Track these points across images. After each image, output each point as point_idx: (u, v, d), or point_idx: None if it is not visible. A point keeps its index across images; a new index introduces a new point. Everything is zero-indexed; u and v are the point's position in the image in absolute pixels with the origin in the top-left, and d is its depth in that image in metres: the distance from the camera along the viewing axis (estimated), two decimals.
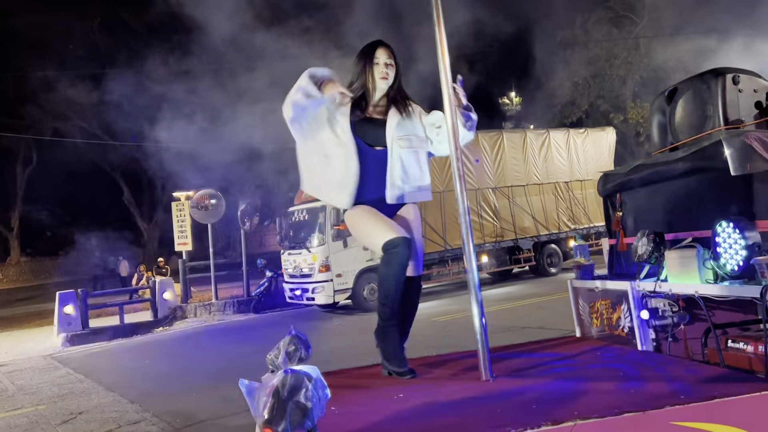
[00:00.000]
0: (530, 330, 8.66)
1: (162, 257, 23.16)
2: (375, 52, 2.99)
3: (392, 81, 3.00)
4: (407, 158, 2.96)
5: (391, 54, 3.01)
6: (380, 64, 2.97)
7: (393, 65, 3.00)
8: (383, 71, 2.96)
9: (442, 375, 2.86)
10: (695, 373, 2.43)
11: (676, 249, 2.71)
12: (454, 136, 2.78)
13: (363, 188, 2.95)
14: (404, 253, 2.78)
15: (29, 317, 18.50)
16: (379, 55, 2.98)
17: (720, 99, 2.74)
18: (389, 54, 3.00)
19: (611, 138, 18.34)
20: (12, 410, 7.31)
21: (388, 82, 2.99)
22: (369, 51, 3.01)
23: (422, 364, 3.18)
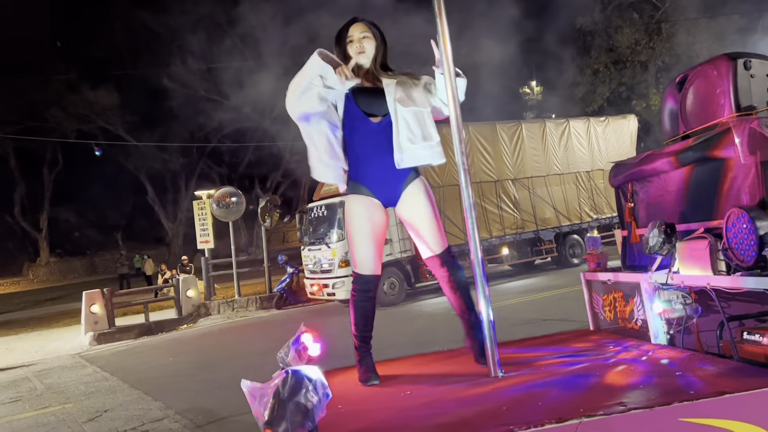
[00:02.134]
0: (551, 322, 8.58)
1: (186, 255, 23.46)
2: (348, 30, 2.96)
3: (374, 53, 2.96)
4: (411, 118, 2.88)
5: (366, 27, 2.96)
6: (354, 41, 2.93)
7: (370, 37, 2.95)
8: (358, 46, 2.92)
9: (451, 371, 2.85)
10: (707, 366, 2.38)
11: (688, 240, 2.65)
12: (458, 131, 2.76)
13: (366, 166, 2.90)
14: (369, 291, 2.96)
15: (58, 317, 18.87)
16: (353, 32, 2.94)
17: (731, 85, 2.67)
18: (363, 28, 2.95)
19: (633, 126, 18.06)
20: (41, 408, 7.47)
21: (367, 55, 2.94)
22: (342, 31, 2.98)
23: (434, 360, 3.18)
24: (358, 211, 2.91)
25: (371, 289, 2.96)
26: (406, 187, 2.93)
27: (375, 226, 2.91)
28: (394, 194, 2.94)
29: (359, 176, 2.92)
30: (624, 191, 3.36)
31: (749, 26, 23.17)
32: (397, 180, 2.92)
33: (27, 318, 20.27)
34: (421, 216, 2.93)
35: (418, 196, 2.93)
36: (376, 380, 2.79)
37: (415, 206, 2.93)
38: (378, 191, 2.92)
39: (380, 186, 2.91)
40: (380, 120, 2.91)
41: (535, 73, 34.87)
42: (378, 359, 3.10)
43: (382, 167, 2.89)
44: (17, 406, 7.77)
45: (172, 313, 14.93)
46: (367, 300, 2.96)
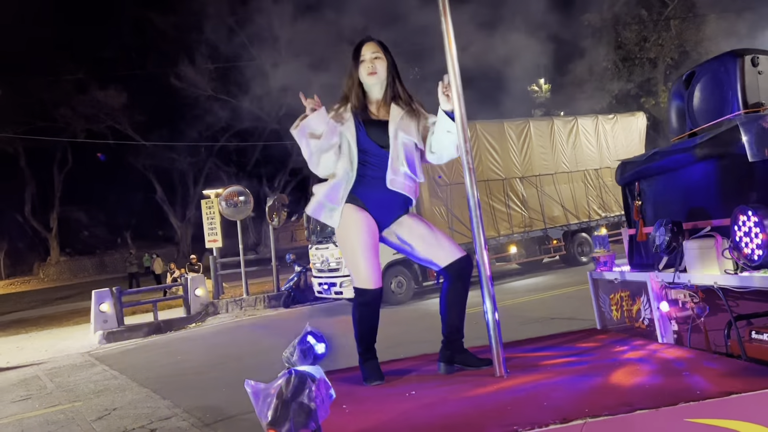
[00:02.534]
0: (559, 321, 8.55)
1: (195, 254, 23.55)
2: (360, 49, 2.93)
3: (384, 74, 2.93)
4: (409, 147, 2.90)
5: (378, 47, 2.93)
6: (366, 61, 2.91)
7: (381, 58, 2.92)
8: (369, 66, 2.90)
9: (457, 371, 2.84)
10: (714, 366, 2.36)
11: (695, 239, 2.63)
12: (462, 127, 2.75)
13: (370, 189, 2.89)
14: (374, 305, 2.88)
15: (68, 315, 19.01)
16: (364, 52, 2.92)
17: (738, 82, 2.64)
18: (375, 48, 2.93)
19: (641, 123, 17.96)
20: (50, 407, 7.53)
21: (379, 76, 2.91)
22: (355, 51, 2.96)
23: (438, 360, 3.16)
24: (356, 218, 2.86)
25: (375, 303, 2.89)
26: (402, 216, 2.96)
27: (373, 237, 2.89)
28: (388, 220, 2.94)
29: (360, 194, 2.89)
30: (631, 189, 3.34)
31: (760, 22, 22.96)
32: (396, 209, 2.94)
33: (37, 317, 20.43)
34: (426, 230, 2.93)
35: (418, 220, 2.98)
36: (380, 380, 2.78)
37: (414, 222, 2.95)
38: (374, 213, 2.90)
39: (378, 209, 2.90)
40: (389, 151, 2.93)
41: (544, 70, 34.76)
42: (383, 359, 3.10)
43: (387, 194, 2.89)
44: (27, 404, 7.83)
45: (181, 311, 14.99)
46: (372, 314, 2.90)
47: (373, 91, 2.97)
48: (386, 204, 2.91)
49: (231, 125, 35.20)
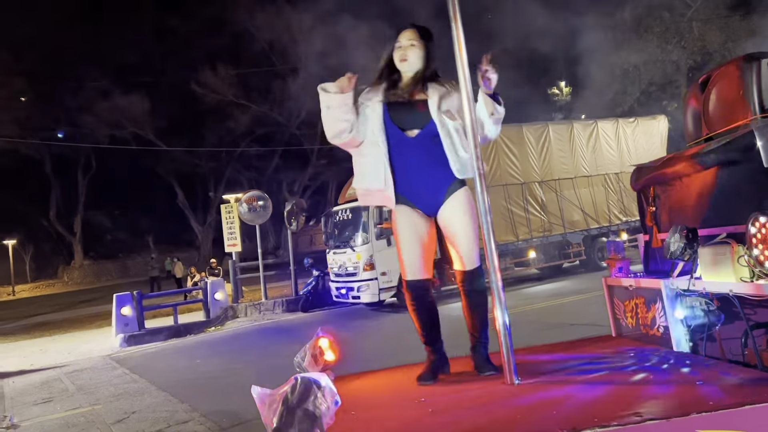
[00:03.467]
0: (579, 327, 8.45)
1: (215, 258, 23.75)
2: (399, 34, 2.95)
3: (417, 62, 2.92)
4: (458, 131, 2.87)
5: (416, 35, 2.92)
6: (400, 47, 2.92)
7: (417, 46, 2.91)
8: (402, 53, 2.91)
9: (467, 378, 2.83)
10: (729, 376, 2.32)
11: (710, 245, 2.58)
12: (473, 134, 2.73)
13: (407, 180, 2.90)
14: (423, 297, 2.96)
15: (91, 319, 19.26)
16: (401, 38, 2.93)
17: (755, 86, 2.59)
18: (413, 35, 2.92)
19: (663, 126, 17.72)
20: (71, 409, 7.62)
21: (410, 63, 2.91)
22: (396, 35, 2.97)
23: (454, 366, 3.14)
24: (402, 221, 2.93)
25: (425, 294, 2.95)
26: (449, 196, 2.91)
27: (420, 234, 2.92)
28: (436, 204, 2.93)
29: (402, 190, 2.92)
30: (646, 195, 3.29)
31: None
32: (437, 190, 2.91)
33: (61, 320, 20.73)
34: (457, 228, 2.90)
35: (458, 209, 2.91)
36: (429, 380, 2.81)
37: (453, 218, 2.91)
38: (420, 203, 2.93)
39: (422, 198, 2.92)
40: (416, 134, 2.89)
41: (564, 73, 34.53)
42: (398, 363, 3.10)
43: (421, 181, 2.90)
44: (49, 406, 7.94)
45: (201, 315, 15.11)
46: (423, 305, 2.96)
47: (405, 77, 2.97)
48: (426, 188, 2.90)
49: (251, 130, 35.51)
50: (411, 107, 2.90)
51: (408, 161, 2.89)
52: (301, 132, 34.91)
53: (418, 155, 2.88)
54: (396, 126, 2.89)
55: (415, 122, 2.89)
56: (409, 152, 2.88)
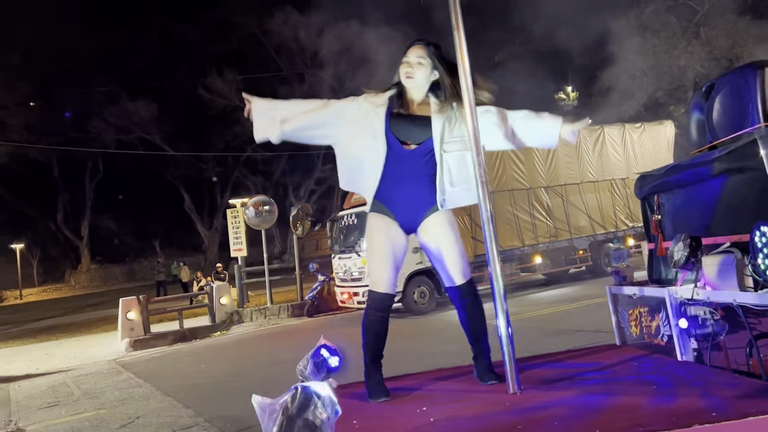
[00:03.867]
0: (585, 333, 8.42)
1: (221, 262, 23.78)
2: (408, 49, 2.93)
3: (422, 80, 2.90)
4: (454, 162, 2.87)
5: (425, 52, 2.89)
6: (406, 63, 2.89)
7: (424, 64, 2.87)
8: (407, 70, 2.88)
9: (470, 387, 2.81)
10: (734, 386, 2.30)
11: (714, 254, 2.57)
12: (475, 141, 2.73)
13: (393, 190, 2.88)
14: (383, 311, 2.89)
15: (97, 323, 19.32)
16: (410, 54, 2.90)
17: (759, 94, 2.58)
18: (422, 52, 2.89)
19: (670, 132, 17.65)
20: (76, 414, 7.64)
21: (415, 81, 2.89)
22: (406, 49, 2.96)
23: (452, 375, 3.14)
24: (379, 228, 2.90)
25: (385, 308, 2.90)
26: (429, 215, 2.90)
27: (395, 247, 2.89)
28: (415, 221, 2.92)
29: (384, 198, 2.90)
30: (650, 203, 3.28)
31: None
32: (420, 207, 2.91)
33: (68, 324, 20.80)
34: (444, 244, 2.89)
35: (442, 225, 2.90)
36: (385, 396, 2.77)
37: (438, 234, 2.90)
38: (400, 215, 2.90)
39: (403, 211, 2.90)
40: (413, 148, 2.88)
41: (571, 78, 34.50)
42: (401, 371, 3.08)
43: (407, 193, 2.88)
44: (54, 411, 7.96)
45: (206, 320, 15.13)
46: (380, 320, 2.90)
47: (412, 93, 2.96)
48: (410, 204, 2.89)
49: None
50: (413, 121, 2.90)
51: (398, 172, 2.87)
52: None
53: (410, 169, 2.87)
54: (395, 137, 2.88)
55: (414, 137, 2.89)
56: (402, 164, 2.87)
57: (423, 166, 2.88)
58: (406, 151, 2.88)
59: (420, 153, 2.88)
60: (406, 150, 2.88)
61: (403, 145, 2.88)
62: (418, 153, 2.88)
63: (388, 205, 2.90)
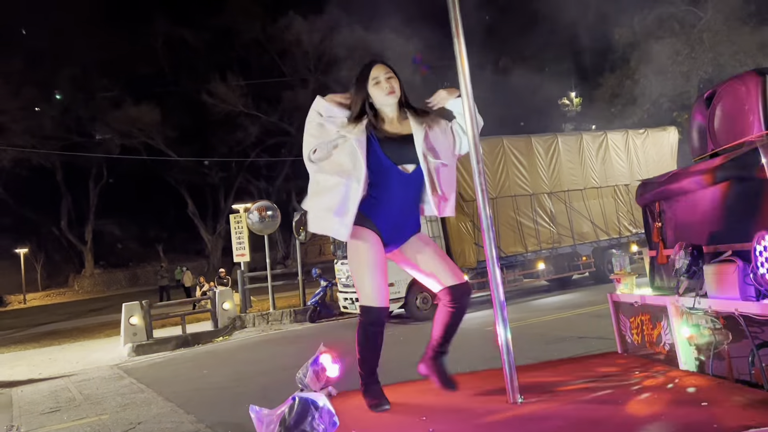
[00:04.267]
0: (588, 340, 8.38)
1: (224, 267, 23.80)
2: (370, 72, 2.89)
3: (400, 93, 2.91)
4: (434, 170, 2.86)
5: (388, 68, 2.91)
6: (382, 81, 2.86)
7: (394, 77, 2.89)
8: (387, 86, 2.86)
9: (470, 395, 2.80)
10: (735, 397, 2.28)
11: (715, 263, 2.55)
12: (475, 148, 2.73)
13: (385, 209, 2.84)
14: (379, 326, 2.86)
15: (100, 327, 19.34)
16: (377, 73, 2.88)
17: (760, 101, 2.57)
18: (387, 69, 2.90)
19: (673, 138, 17.61)
20: (78, 419, 7.63)
21: (396, 95, 2.88)
22: (365, 73, 2.91)
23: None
24: (365, 239, 2.82)
25: (380, 323, 2.86)
26: (412, 237, 2.97)
27: (382, 259, 2.86)
28: (399, 240, 2.93)
29: (372, 215, 2.84)
30: (651, 210, 3.26)
31: None
32: (408, 229, 2.94)
33: (71, 328, 20.83)
34: (435, 254, 2.94)
35: (426, 242, 2.99)
36: (386, 405, 2.74)
37: (426, 249, 2.94)
38: (385, 233, 2.86)
39: (390, 230, 2.87)
40: (412, 170, 2.86)
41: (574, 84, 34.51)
42: (402, 378, 3.06)
43: (400, 214, 2.88)
44: (56, 416, 7.96)
45: (209, 325, 15.12)
46: (376, 334, 2.86)
47: (386, 111, 2.92)
48: (399, 226, 2.90)
49: (261, 140, 35.71)
50: (403, 142, 2.87)
51: (397, 195, 2.86)
52: None
53: (404, 193, 2.87)
54: (391, 161, 2.84)
55: (410, 157, 2.85)
56: (403, 188, 2.86)
57: (415, 191, 2.90)
58: (406, 175, 2.86)
59: (416, 175, 2.86)
60: (406, 174, 2.86)
61: (400, 168, 2.84)
62: (414, 175, 2.86)
63: (375, 221, 2.84)
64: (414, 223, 2.95)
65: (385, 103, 2.90)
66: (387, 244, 2.90)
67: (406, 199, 2.89)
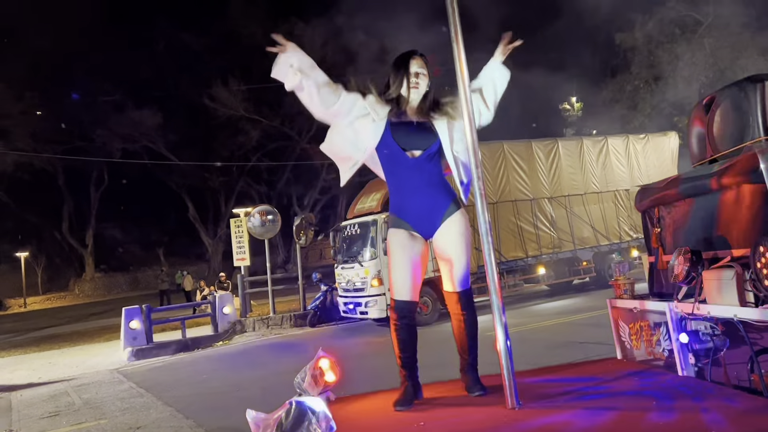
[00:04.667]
0: (588, 345, 8.35)
1: (225, 272, 23.77)
2: (408, 62, 3.02)
3: (425, 90, 3.02)
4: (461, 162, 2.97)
5: (424, 64, 3.03)
6: (411, 75, 2.99)
7: (425, 75, 3.02)
8: (414, 81, 2.99)
9: (468, 401, 2.79)
10: (733, 403, 2.27)
11: (714, 269, 2.54)
12: (473, 152, 2.72)
13: (406, 201, 2.97)
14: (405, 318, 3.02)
15: (100, 331, 19.31)
16: (413, 65, 3.01)
17: (759, 107, 2.57)
18: (422, 63, 3.03)
19: (674, 143, 17.61)
20: (76, 424, 7.61)
21: (419, 91, 3.01)
22: (403, 61, 3.04)
23: (452, 389, 3.11)
24: (397, 242, 2.98)
25: (407, 315, 3.00)
26: (446, 219, 2.98)
27: (413, 256, 2.97)
28: (434, 226, 2.99)
29: (400, 211, 3.00)
30: (650, 216, 3.26)
31: None
32: (436, 213, 2.98)
33: (71, 332, 20.80)
34: (452, 251, 2.97)
35: (456, 232, 2.98)
36: (407, 406, 2.80)
37: (449, 241, 2.98)
38: (418, 225, 2.98)
39: (420, 220, 2.98)
40: (419, 155, 2.95)
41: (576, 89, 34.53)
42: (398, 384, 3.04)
43: (421, 202, 2.96)
44: (55, 420, 7.94)
45: (209, 329, 15.10)
46: (404, 327, 3.00)
47: (412, 102, 3.04)
48: (423, 212, 2.97)
49: (262, 144, 35.74)
50: (415, 128, 2.97)
51: (408, 183, 2.96)
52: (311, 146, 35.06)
53: (417, 177, 2.95)
54: (398, 146, 2.94)
55: (418, 143, 2.96)
56: (409, 173, 2.95)
57: (430, 173, 2.97)
58: (412, 160, 2.94)
59: (425, 159, 2.95)
60: (411, 159, 2.94)
61: (407, 153, 2.94)
62: (424, 159, 2.96)
63: (403, 217, 2.99)
64: (441, 205, 2.98)
65: (411, 95, 3.02)
66: (425, 234, 3.00)
67: (420, 184, 2.96)
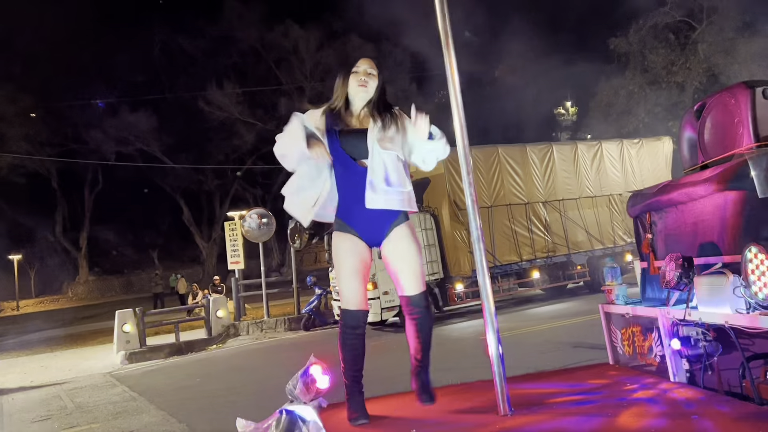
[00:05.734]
0: (582, 349, 8.37)
1: (220, 275, 23.71)
2: (357, 61, 2.98)
3: (373, 91, 2.95)
4: (390, 161, 2.87)
5: (373, 65, 2.98)
6: (359, 72, 2.94)
7: (374, 76, 2.95)
8: (361, 79, 2.92)
9: (460, 407, 2.79)
10: (725, 409, 2.27)
11: (706, 275, 2.55)
12: (465, 158, 2.73)
13: (354, 208, 2.89)
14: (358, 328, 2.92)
15: (94, 335, 19.22)
16: (360, 64, 2.96)
17: (750, 114, 2.58)
18: (371, 65, 2.97)
19: (668, 148, 17.67)
20: (68, 428, 7.57)
21: (367, 90, 2.93)
22: (351, 60, 3.00)
23: (444, 394, 3.10)
24: (345, 247, 2.90)
25: (359, 325, 2.92)
26: (393, 229, 2.92)
27: (361, 263, 2.91)
28: (380, 235, 2.93)
29: (346, 217, 2.92)
30: (642, 222, 3.27)
31: None
32: (383, 222, 2.91)
33: (64, 335, 20.69)
34: (402, 257, 2.90)
35: (403, 239, 2.92)
36: (364, 419, 2.74)
37: (398, 248, 2.91)
38: (364, 233, 2.91)
39: (366, 228, 2.91)
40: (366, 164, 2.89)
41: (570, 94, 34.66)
42: (392, 390, 3.04)
43: (367, 212, 2.88)
44: (46, 424, 7.89)
45: (203, 333, 15.05)
46: (356, 337, 2.91)
47: (355, 102, 2.98)
48: (372, 220, 2.89)
49: (257, 147, 35.70)
50: (361, 136, 2.90)
51: (355, 191, 2.87)
52: None
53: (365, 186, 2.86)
54: (347, 154, 2.89)
55: (362, 152, 2.89)
56: (358, 182, 2.86)
57: None
58: (361, 168, 2.88)
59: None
60: (360, 168, 2.88)
61: (356, 163, 2.89)
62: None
63: (350, 223, 2.91)
64: (386, 218, 2.90)
65: (354, 94, 2.95)
66: (371, 242, 2.93)
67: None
